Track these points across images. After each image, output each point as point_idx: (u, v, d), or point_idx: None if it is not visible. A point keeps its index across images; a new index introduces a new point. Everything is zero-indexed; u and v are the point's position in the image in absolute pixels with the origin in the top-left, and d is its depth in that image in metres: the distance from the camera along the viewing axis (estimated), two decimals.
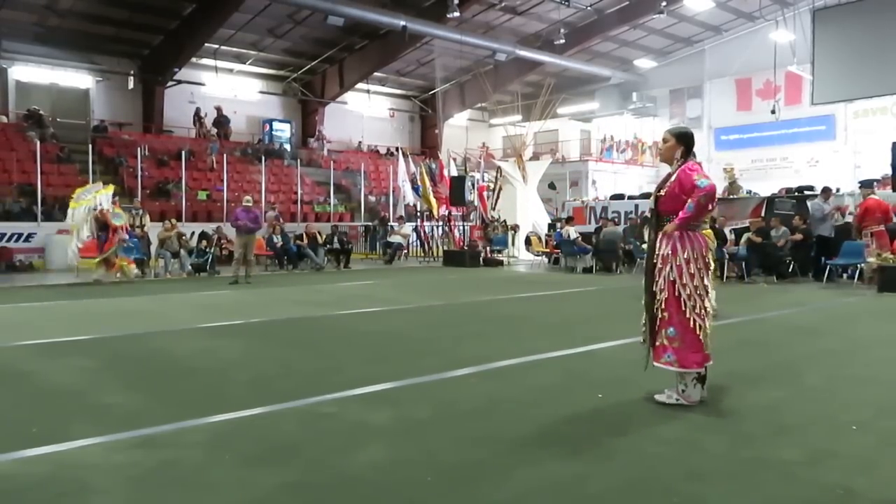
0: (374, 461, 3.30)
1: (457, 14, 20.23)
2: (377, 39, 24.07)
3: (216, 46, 23.09)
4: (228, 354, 5.99)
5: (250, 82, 26.56)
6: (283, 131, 27.07)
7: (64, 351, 6.12)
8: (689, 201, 4.06)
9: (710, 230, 4.39)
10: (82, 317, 8.62)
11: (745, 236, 13.20)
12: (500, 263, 18.10)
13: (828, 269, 12.15)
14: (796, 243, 12.53)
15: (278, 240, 16.37)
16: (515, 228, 20.54)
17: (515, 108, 26.68)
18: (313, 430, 3.80)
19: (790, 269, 12.63)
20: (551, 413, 4.05)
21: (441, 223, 21.03)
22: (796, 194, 14.29)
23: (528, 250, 19.39)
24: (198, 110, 24.85)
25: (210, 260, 14.96)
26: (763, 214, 13.78)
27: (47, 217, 16.41)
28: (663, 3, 21.74)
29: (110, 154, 20.44)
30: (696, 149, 4.34)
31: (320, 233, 17.31)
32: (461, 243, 19.44)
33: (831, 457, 3.33)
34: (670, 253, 4.16)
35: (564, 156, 29.17)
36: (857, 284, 11.64)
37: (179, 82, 23.62)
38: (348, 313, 8.72)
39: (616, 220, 16.81)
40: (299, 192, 21.76)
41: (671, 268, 4.15)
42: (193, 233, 16.52)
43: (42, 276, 14.40)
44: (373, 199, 24.28)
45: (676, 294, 4.14)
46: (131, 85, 23.79)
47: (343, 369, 5.35)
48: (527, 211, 20.84)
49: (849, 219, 12.80)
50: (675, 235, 4.15)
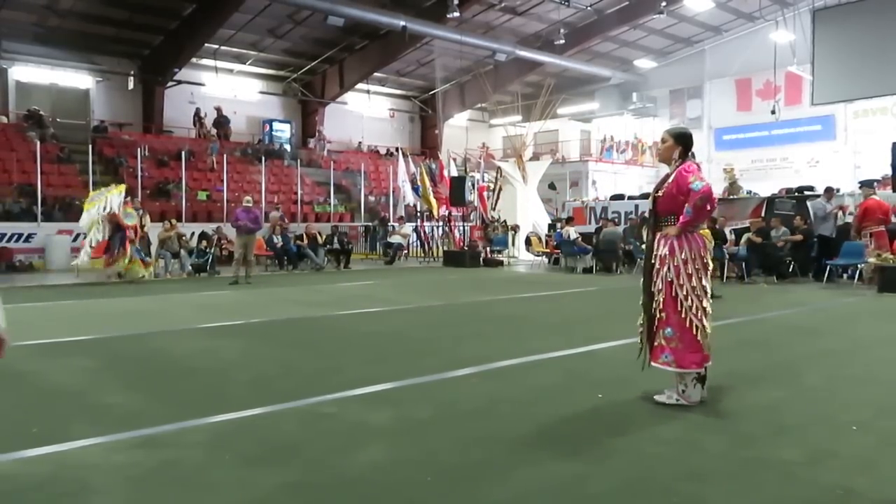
0: (375, 461, 3.30)
1: (457, 14, 20.21)
2: (377, 40, 24.06)
3: (216, 47, 23.08)
4: (229, 354, 5.99)
5: (250, 82, 26.55)
6: (283, 131, 27.05)
7: (64, 351, 6.13)
8: (686, 206, 4.07)
9: (709, 230, 4.40)
10: (83, 317, 8.63)
11: (745, 236, 13.21)
12: (501, 264, 18.10)
13: (828, 270, 12.16)
14: (796, 243, 12.54)
15: (278, 240, 16.36)
16: (515, 229, 20.55)
17: (515, 108, 26.69)
18: (313, 430, 3.80)
19: (790, 270, 12.63)
20: (551, 413, 4.05)
21: (441, 223, 21.02)
22: (796, 194, 14.29)
23: (528, 250, 19.38)
24: (198, 110, 24.83)
25: (210, 260, 14.96)
26: (763, 215, 13.81)
27: (47, 217, 16.42)
28: (663, 4, 21.71)
29: (110, 154, 20.43)
30: (696, 149, 4.35)
31: (320, 233, 17.32)
32: (461, 243, 19.44)
33: (831, 457, 3.33)
34: (668, 253, 4.16)
35: (564, 156, 29.15)
36: (857, 285, 11.65)
37: (179, 82, 23.61)
38: (348, 313, 8.73)
39: (616, 220, 16.80)
40: (299, 192, 21.74)
41: (669, 268, 4.16)
42: (193, 233, 16.50)
43: (42, 276, 14.40)
44: (373, 199, 24.26)
45: (674, 294, 4.15)
46: (131, 85, 23.77)
47: (343, 369, 5.36)
48: (527, 211, 20.85)
49: (849, 219, 12.80)
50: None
